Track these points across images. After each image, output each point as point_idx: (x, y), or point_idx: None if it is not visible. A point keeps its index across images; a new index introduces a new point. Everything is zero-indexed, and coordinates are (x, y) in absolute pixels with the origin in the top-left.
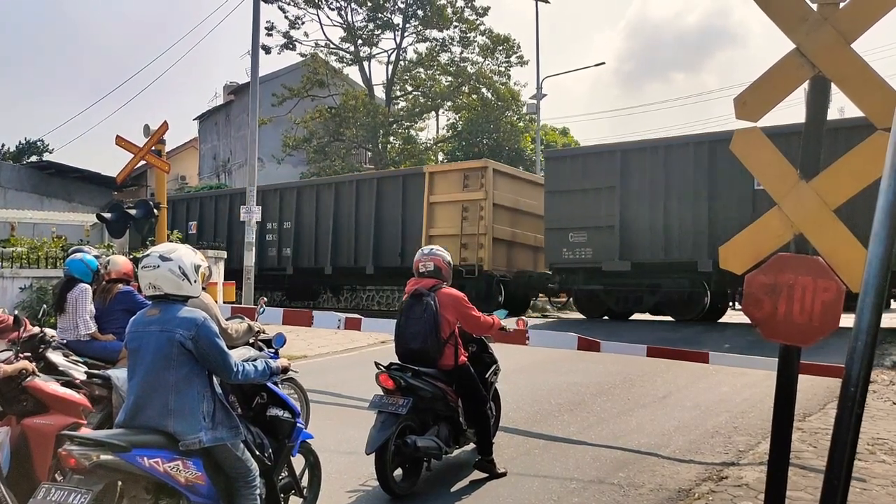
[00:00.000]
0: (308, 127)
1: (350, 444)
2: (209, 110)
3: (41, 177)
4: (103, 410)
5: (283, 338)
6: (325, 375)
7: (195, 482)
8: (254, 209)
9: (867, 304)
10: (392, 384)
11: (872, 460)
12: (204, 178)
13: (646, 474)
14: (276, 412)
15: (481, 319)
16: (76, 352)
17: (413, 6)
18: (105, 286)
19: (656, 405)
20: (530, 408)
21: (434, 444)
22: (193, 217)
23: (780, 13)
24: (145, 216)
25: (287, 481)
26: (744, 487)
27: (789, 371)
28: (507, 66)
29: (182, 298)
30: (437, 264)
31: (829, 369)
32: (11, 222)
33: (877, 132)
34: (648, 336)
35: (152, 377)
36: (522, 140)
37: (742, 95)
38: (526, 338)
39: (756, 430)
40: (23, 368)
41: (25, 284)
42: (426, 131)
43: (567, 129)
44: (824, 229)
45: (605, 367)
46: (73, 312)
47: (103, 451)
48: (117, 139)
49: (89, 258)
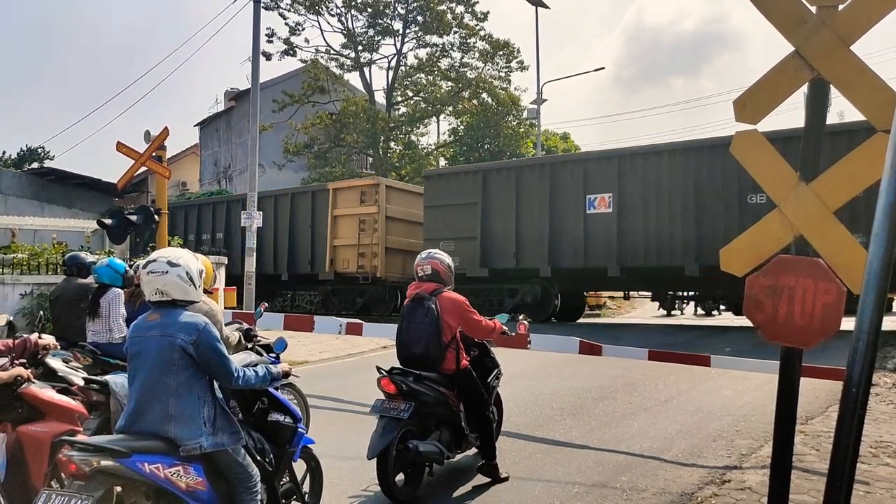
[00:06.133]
0: (309, 133)
1: (352, 449)
2: (210, 116)
3: (42, 183)
4: (101, 416)
5: (283, 343)
6: (327, 380)
7: (196, 488)
8: (255, 215)
9: (868, 306)
10: (394, 388)
11: (875, 463)
12: (205, 185)
13: (648, 478)
14: (277, 417)
15: (483, 323)
16: (110, 355)
17: (413, 12)
18: (135, 291)
19: (658, 409)
20: (532, 412)
21: (436, 449)
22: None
23: (779, 16)
24: (146, 222)
25: (288, 487)
26: (746, 491)
27: (791, 374)
28: (507, 71)
29: (186, 303)
30: (434, 268)
31: (831, 372)
32: (12, 229)
33: (876, 134)
34: (650, 340)
35: (153, 382)
36: (523, 145)
37: (741, 98)
38: (527, 342)
39: (758, 434)
40: (18, 375)
41: (26, 291)
42: (427, 137)
43: (567, 134)
44: (825, 231)
45: (607, 370)
46: (106, 316)
47: (103, 456)
48: (118, 145)
49: (117, 262)
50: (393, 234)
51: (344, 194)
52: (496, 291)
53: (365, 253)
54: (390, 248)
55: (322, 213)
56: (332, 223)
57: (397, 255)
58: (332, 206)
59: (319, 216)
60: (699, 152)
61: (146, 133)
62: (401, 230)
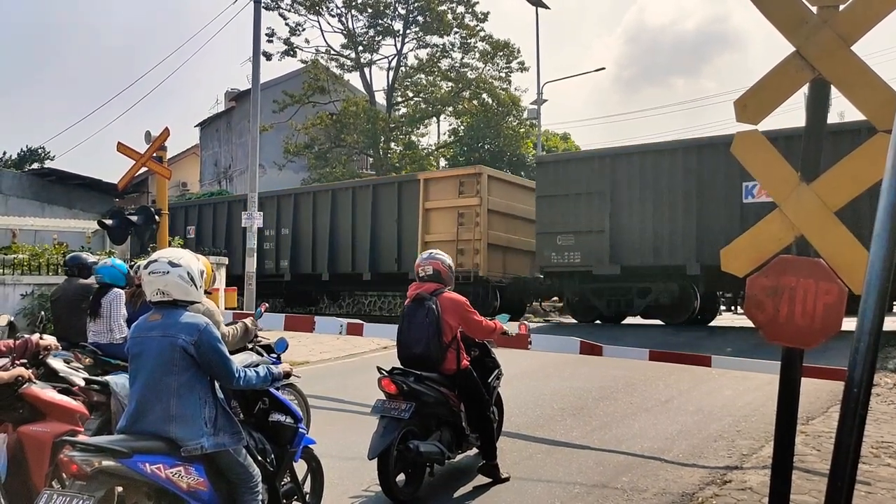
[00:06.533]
0: (309, 133)
1: (352, 449)
2: (210, 117)
3: (42, 184)
4: (101, 417)
5: (284, 343)
6: (327, 381)
7: (197, 488)
8: (255, 215)
9: (869, 306)
10: (394, 389)
11: (877, 464)
12: (205, 185)
13: (649, 479)
14: (278, 417)
15: (483, 324)
16: (111, 355)
17: (413, 12)
18: (136, 291)
19: (659, 409)
20: (533, 412)
21: (437, 449)
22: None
23: (780, 16)
24: (146, 222)
25: (289, 487)
26: (747, 491)
27: (792, 374)
28: (507, 71)
29: (187, 304)
30: (436, 268)
31: (832, 372)
32: (13, 229)
33: (877, 134)
34: (650, 340)
35: (154, 382)
36: (524, 146)
37: (742, 98)
38: (528, 342)
39: (759, 434)
40: (19, 375)
41: (27, 291)
42: (427, 137)
43: (568, 135)
44: (826, 231)
45: (608, 371)
46: (107, 317)
47: (105, 457)
48: (119, 146)
49: (119, 263)
50: (493, 228)
51: (438, 185)
52: (624, 291)
53: (464, 249)
54: (491, 245)
55: (410, 205)
56: (423, 217)
57: (497, 252)
58: (423, 197)
59: (407, 209)
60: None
61: (147, 133)
62: (500, 224)
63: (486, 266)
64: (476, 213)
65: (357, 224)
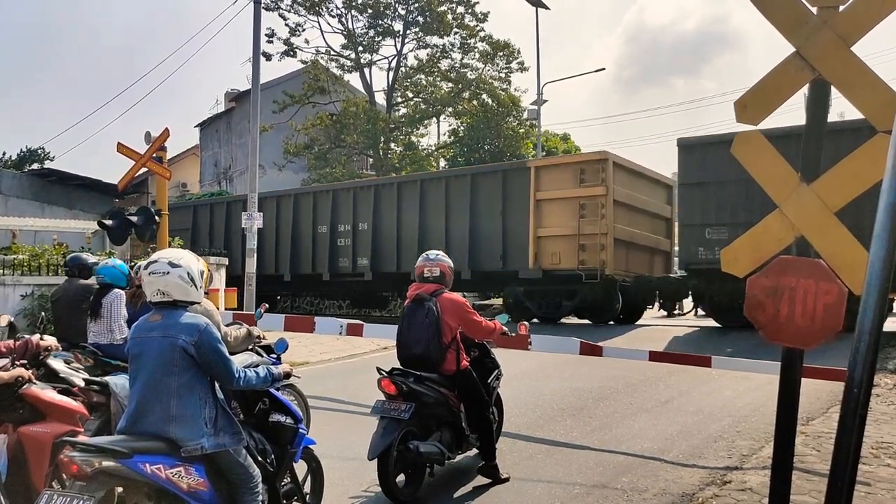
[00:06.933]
0: (309, 134)
1: (352, 449)
2: (210, 117)
3: (42, 184)
4: (101, 417)
5: (284, 343)
6: (327, 381)
7: (197, 489)
8: (255, 216)
9: (869, 306)
10: (394, 389)
11: (877, 464)
12: (205, 185)
13: (649, 479)
14: (278, 418)
15: (483, 324)
16: (111, 356)
17: (413, 13)
18: (136, 291)
19: (659, 410)
20: (533, 413)
21: (437, 450)
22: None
23: (780, 16)
24: (146, 223)
25: (289, 487)
26: (747, 492)
27: (792, 374)
28: (507, 72)
29: (187, 304)
30: (442, 270)
31: (832, 373)
32: (13, 230)
33: (877, 134)
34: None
35: (154, 383)
36: (523, 146)
37: (742, 99)
38: (528, 343)
39: (759, 434)
40: (19, 376)
41: (27, 292)
42: (427, 137)
43: (568, 135)
44: (826, 232)
45: (608, 371)
46: (107, 317)
47: (105, 457)
48: (118, 146)
49: (120, 263)
50: (618, 221)
51: (553, 173)
52: None
53: (587, 245)
54: (616, 240)
55: (518, 196)
56: (534, 209)
57: (621, 248)
58: (534, 188)
59: (514, 201)
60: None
61: (146, 134)
62: (624, 217)
63: (612, 263)
64: (601, 205)
65: (450, 217)
